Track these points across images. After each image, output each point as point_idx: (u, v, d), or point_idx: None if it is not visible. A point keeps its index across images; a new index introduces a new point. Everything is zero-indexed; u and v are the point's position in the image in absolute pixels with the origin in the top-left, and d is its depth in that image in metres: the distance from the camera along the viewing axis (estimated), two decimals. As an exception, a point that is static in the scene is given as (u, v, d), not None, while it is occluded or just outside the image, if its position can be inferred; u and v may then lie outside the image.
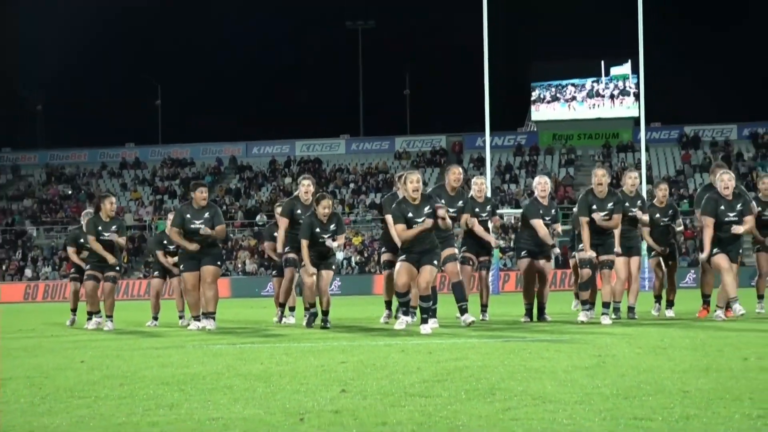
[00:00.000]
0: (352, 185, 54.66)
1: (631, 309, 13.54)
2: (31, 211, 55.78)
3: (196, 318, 13.42)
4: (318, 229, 12.56)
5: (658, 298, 14.87)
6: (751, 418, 4.45)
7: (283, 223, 13.41)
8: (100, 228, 13.73)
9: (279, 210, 14.07)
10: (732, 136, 56.18)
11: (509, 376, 6.39)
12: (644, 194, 19.04)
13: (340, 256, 36.96)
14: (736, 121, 57.42)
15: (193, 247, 12.66)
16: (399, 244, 11.69)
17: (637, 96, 45.59)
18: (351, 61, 66.56)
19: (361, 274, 44.26)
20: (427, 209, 11.27)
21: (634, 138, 49.60)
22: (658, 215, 13.77)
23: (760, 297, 14.26)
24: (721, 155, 52.90)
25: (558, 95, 56.25)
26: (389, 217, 12.06)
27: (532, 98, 56.60)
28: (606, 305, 12.61)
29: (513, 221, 39.26)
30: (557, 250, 15.33)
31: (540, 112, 56.76)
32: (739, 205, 12.55)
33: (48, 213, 55.18)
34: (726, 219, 12.39)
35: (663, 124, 55.88)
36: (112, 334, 13.18)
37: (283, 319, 14.59)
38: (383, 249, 13.85)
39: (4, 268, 51.06)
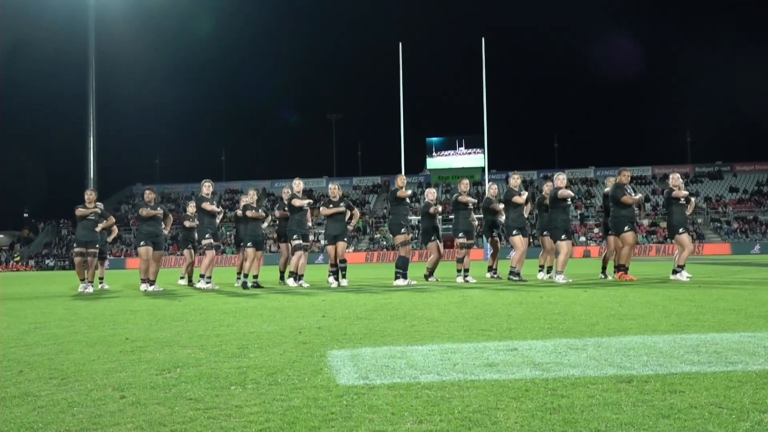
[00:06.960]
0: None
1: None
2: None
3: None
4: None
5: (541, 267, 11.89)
6: (544, 329, 4.49)
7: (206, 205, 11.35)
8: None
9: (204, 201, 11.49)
10: (534, 178, 57.20)
11: (414, 307, 6.40)
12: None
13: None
14: (536, 168, 58.48)
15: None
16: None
17: (483, 155, 46.12)
18: (328, 137, 67.01)
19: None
20: (341, 204, 11.00)
21: (482, 178, 50.01)
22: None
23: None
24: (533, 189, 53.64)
25: (441, 155, 57.06)
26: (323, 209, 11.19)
27: (427, 156, 57.20)
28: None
29: (416, 222, 38.71)
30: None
31: (432, 164, 57.33)
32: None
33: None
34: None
35: (497, 170, 56.44)
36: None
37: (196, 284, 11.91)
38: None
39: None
